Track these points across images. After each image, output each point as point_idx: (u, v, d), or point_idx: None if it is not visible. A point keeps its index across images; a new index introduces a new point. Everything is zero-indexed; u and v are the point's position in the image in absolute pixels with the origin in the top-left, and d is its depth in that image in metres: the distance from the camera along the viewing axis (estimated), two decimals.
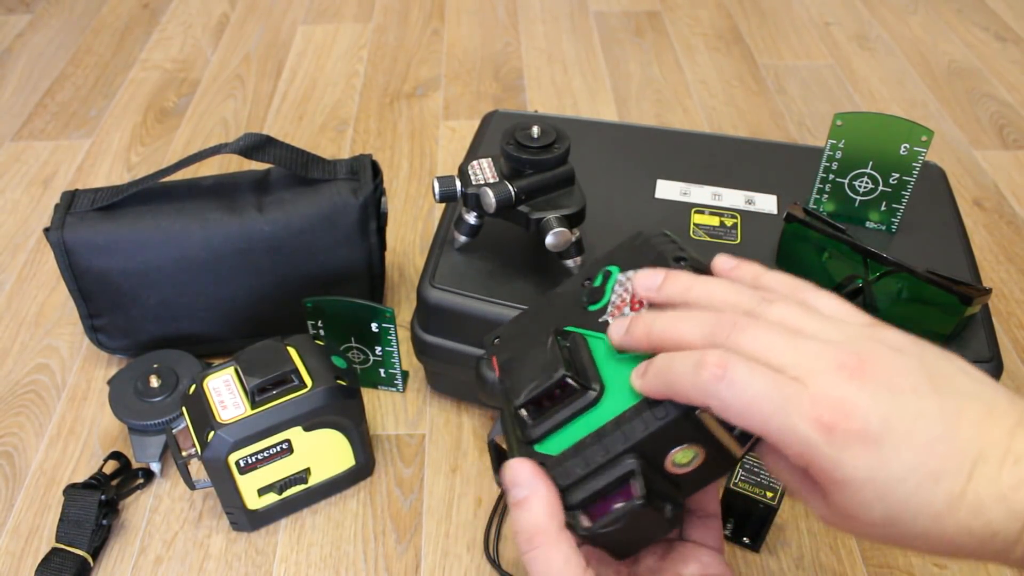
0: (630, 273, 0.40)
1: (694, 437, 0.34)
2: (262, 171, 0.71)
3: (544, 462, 0.37)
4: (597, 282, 0.42)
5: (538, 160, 0.58)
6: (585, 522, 0.36)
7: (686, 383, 0.32)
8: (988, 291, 0.56)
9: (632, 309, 0.39)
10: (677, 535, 0.45)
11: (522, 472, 0.36)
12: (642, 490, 0.34)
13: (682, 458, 0.35)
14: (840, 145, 0.62)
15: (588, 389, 0.37)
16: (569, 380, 0.37)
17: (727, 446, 0.35)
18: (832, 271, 0.60)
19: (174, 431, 0.58)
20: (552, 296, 0.44)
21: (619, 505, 0.35)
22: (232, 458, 0.55)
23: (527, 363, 0.40)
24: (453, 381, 0.68)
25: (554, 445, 0.37)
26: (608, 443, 0.35)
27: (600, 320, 0.40)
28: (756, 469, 0.57)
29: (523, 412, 0.38)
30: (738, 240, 0.65)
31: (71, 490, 0.60)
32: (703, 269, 0.39)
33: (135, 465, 0.65)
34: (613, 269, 0.42)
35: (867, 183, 0.64)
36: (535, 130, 0.59)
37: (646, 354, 0.36)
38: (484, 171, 0.61)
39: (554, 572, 0.35)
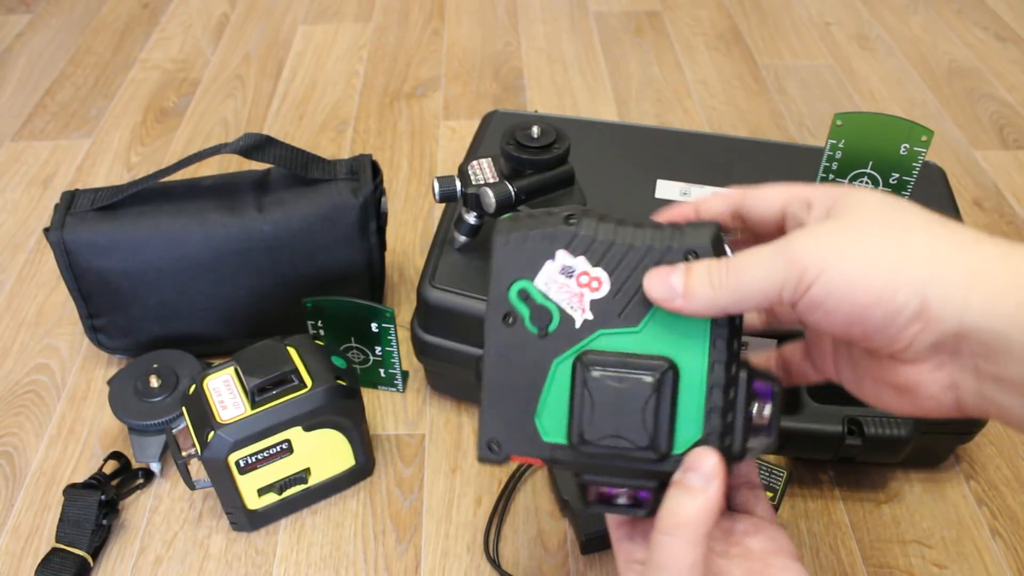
0: (552, 264, 0.37)
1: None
2: (262, 171, 0.71)
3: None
4: (524, 310, 0.38)
5: (538, 160, 0.58)
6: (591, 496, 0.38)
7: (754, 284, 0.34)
8: None
9: (592, 288, 0.37)
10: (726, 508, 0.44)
11: (708, 463, 0.35)
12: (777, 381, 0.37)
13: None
14: (840, 145, 0.62)
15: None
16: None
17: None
18: None
19: (174, 431, 0.58)
20: (498, 362, 0.38)
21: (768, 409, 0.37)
22: (232, 458, 0.55)
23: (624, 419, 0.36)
24: (453, 381, 0.68)
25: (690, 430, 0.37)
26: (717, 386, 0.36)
27: (582, 321, 0.37)
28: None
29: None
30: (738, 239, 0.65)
31: (71, 490, 0.60)
32: (598, 213, 0.38)
33: (135, 465, 0.65)
34: (521, 285, 0.38)
35: (867, 183, 0.64)
36: (535, 130, 0.59)
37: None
38: (484, 171, 0.61)
39: (683, 568, 0.35)
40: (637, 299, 0.37)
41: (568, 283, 0.37)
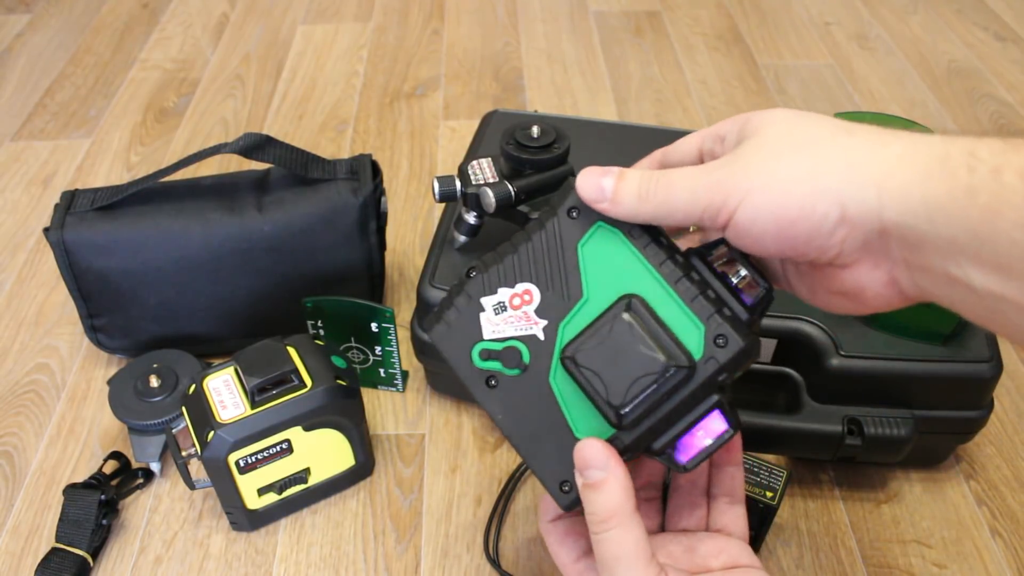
0: (486, 314, 0.39)
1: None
2: (262, 171, 0.71)
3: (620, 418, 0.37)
4: (496, 364, 0.39)
5: (538, 160, 0.58)
6: (682, 459, 0.38)
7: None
8: None
9: (527, 302, 0.39)
10: (703, 526, 0.45)
11: (598, 454, 0.36)
12: (733, 419, 0.37)
13: None
14: None
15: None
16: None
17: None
18: None
19: (174, 431, 0.58)
20: (511, 419, 0.39)
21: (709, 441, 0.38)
22: (232, 458, 0.55)
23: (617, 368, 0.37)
24: (453, 381, 0.68)
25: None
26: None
27: (543, 331, 0.39)
28: (756, 469, 0.57)
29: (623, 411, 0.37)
30: None
31: (71, 490, 0.60)
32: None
33: (135, 465, 0.65)
34: (477, 349, 0.39)
35: None
36: (535, 130, 0.59)
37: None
38: (484, 171, 0.61)
39: (626, 554, 0.35)
40: (565, 274, 0.38)
41: (508, 315, 0.39)
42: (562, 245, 0.39)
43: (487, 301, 0.39)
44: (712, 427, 0.38)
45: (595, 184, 0.37)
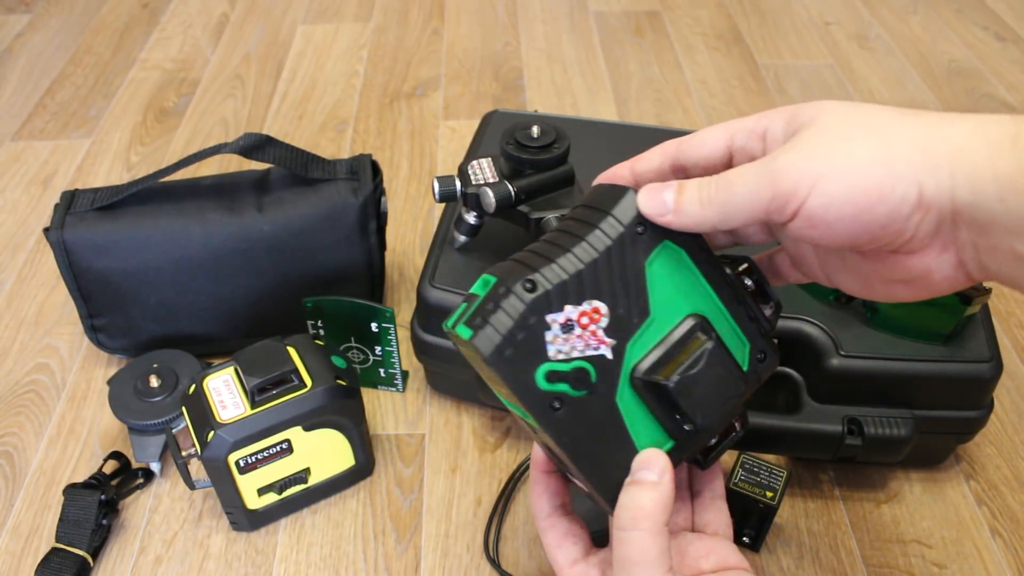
0: (552, 332, 0.37)
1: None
2: (262, 171, 0.71)
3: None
4: (563, 386, 0.37)
5: (538, 160, 0.58)
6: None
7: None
8: (988, 291, 0.56)
9: (595, 320, 0.37)
10: (689, 526, 0.45)
11: (659, 461, 0.38)
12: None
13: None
14: None
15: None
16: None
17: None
18: None
19: (174, 431, 0.58)
20: (576, 443, 0.38)
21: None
22: (232, 458, 0.55)
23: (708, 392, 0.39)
24: (453, 381, 0.68)
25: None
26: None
27: (611, 351, 0.38)
28: (756, 469, 0.57)
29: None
30: None
31: (71, 490, 0.60)
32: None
33: (135, 465, 0.65)
34: (542, 370, 0.37)
35: None
36: (535, 130, 0.59)
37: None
38: (484, 171, 0.61)
39: (648, 560, 0.36)
40: (635, 292, 0.38)
41: (577, 334, 0.37)
42: (631, 263, 0.38)
43: (553, 318, 0.37)
44: (728, 428, 0.42)
45: (657, 199, 0.37)
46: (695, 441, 0.40)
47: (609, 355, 0.38)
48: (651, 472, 0.37)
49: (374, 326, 0.66)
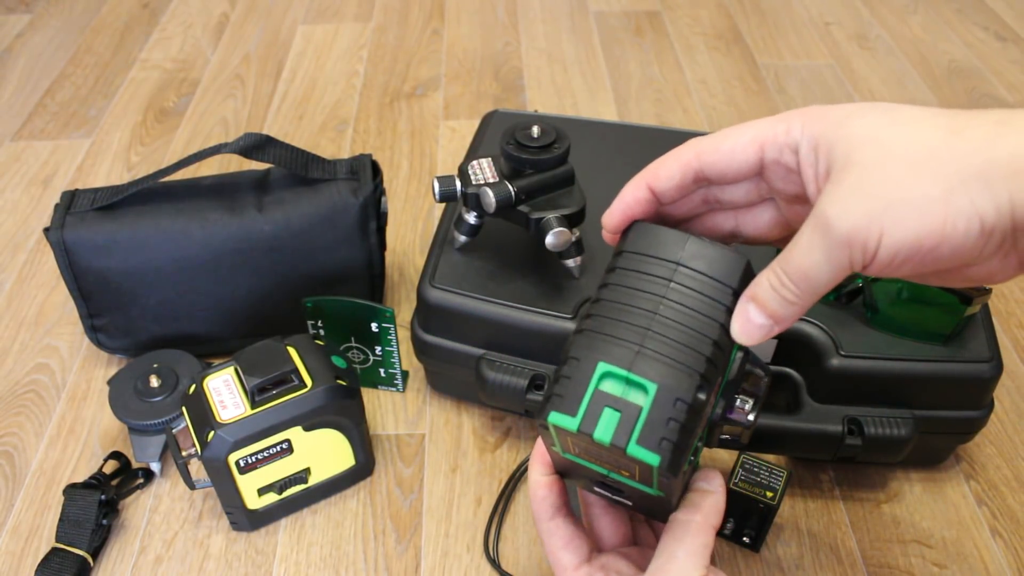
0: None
1: None
2: (262, 171, 0.71)
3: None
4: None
5: (538, 160, 0.58)
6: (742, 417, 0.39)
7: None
8: (988, 291, 0.56)
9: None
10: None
11: (717, 477, 0.41)
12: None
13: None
14: None
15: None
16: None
17: None
18: None
19: (174, 431, 0.58)
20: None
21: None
22: (232, 458, 0.55)
23: None
24: (453, 381, 0.68)
25: None
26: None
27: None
28: (756, 469, 0.57)
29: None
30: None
31: (71, 490, 0.60)
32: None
33: (135, 465, 0.65)
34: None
35: None
36: (535, 130, 0.59)
37: None
38: (484, 171, 0.61)
39: (700, 558, 0.39)
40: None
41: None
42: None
43: (704, 415, 0.38)
44: None
45: (756, 328, 0.35)
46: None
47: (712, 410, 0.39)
48: (708, 483, 0.41)
49: (374, 326, 0.66)
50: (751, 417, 0.39)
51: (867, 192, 0.31)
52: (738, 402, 0.39)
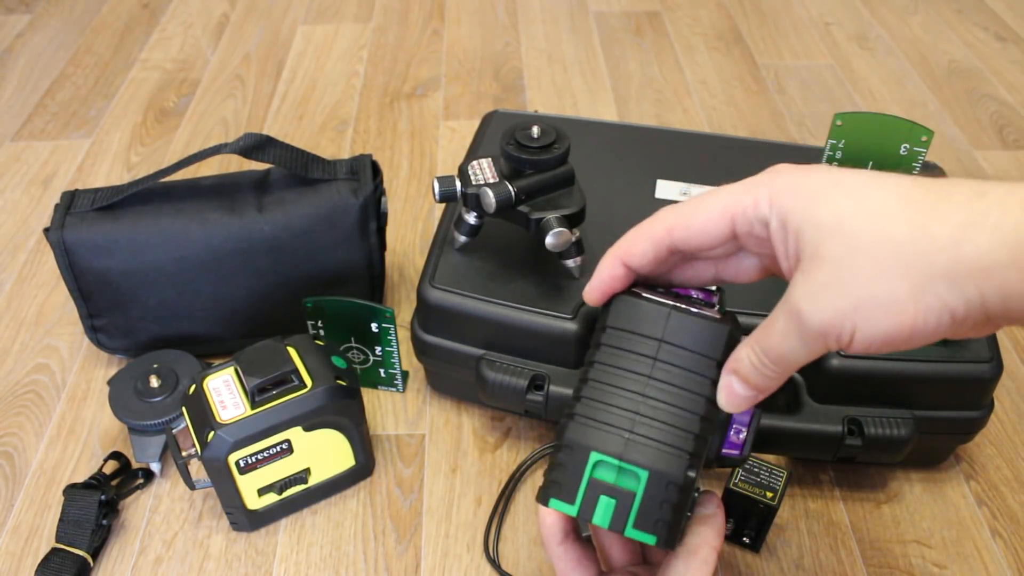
0: None
1: None
2: (262, 171, 0.71)
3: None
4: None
5: (538, 160, 0.58)
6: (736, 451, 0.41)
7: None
8: None
9: None
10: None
11: (714, 499, 0.43)
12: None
13: None
14: (840, 145, 0.62)
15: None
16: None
17: None
18: None
19: (174, 431, 0.58)
20: None
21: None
22: (232, 458, 0.55)
23: None
24: (453, 381, 0.68)
25: None
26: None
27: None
28: (756, 469, 0.57)
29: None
30: None
31: (71, 490, 0.60)
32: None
33: (135, 465, 0.65)
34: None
35: None
36: (535, 130, 0.59)
37: None
38: (484, 171, 0.61)
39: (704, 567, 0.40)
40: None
41: None
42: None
43: (694, 489, 0.40)
44: None
45: (735, 398, 0.37)
46: None
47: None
48: (708, 507, 0.42)
49: (374, 326, 0.66)
50: (746, 449, 0.41)
51: (837, 290, 0.32)
52: (731, 432, 0.41)
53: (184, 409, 0.58)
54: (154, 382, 0.65)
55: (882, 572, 0.59)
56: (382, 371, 0.69)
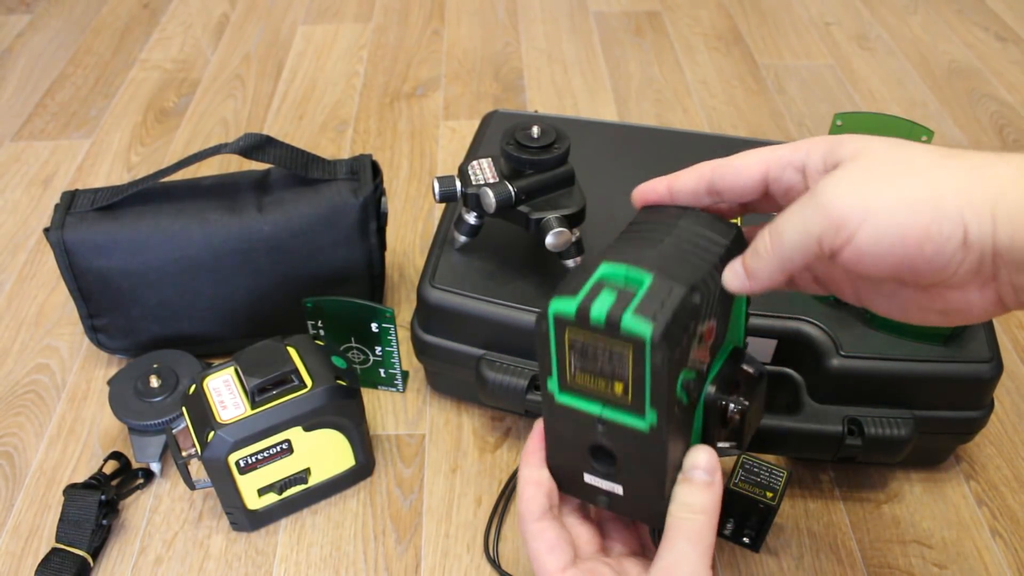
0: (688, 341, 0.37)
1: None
2: (262, 171, 0.71)
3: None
4: (684, 395, 0.38)
5: (538, 160, 0.58)
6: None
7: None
8: None
9: (706, 340, 0.39)
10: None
11: (712, 460, 0.40)
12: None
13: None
14: None
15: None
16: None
17: None
18: None
19: (174, 431, 0.58)
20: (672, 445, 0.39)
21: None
22: (232, 458, 0.55)
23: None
24: (453, 381, 0.68)
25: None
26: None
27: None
28: (756, 469, 0.57)
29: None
30: None
31: (71, 490, 0.60)
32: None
33: (135, 465, 0.65)
34: (683, 377, 0.38)
35: None
36: (535, 130, 0.59)
37: None
38: (484, 171, 0.61)
39: (705, 547, 0.39)
40: (730, 320, 0.42)
41: (701, 348, 0.39)
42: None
43: (699, 328, 0.38)
44: None
45: (735, 276, 0.38)
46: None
47: (703, 371, 0.40)
48: (702, 472, 0.40)
49: (374, 326, 0.66)
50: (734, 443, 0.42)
51: (862, 180, 0.33)
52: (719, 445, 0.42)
53: (184, 409, 0.58)
54: (154, 382, 0.65)
55: (882, 572, 0.59)
56: (382, 371, 0.69)
